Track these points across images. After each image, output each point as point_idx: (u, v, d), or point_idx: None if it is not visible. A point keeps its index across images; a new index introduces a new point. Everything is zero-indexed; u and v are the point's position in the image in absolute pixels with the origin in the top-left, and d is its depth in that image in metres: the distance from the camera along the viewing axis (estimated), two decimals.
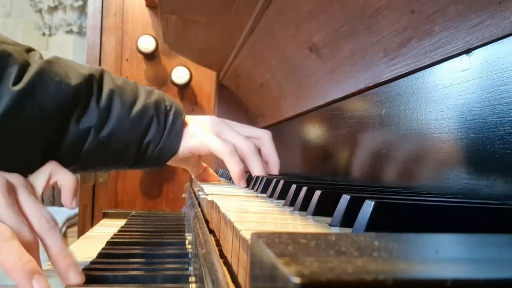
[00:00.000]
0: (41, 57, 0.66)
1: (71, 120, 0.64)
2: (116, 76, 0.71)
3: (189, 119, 0.76)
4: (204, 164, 0.83)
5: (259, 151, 0.76)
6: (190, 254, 0.73)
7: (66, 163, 0.66)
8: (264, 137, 0.78)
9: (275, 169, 0.77)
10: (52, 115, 0.62)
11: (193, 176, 0.89)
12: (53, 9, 3.77)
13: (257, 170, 0.72)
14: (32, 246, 0.53)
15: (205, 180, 0.83)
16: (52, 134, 0.63)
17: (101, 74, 0.69)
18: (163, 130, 0.71)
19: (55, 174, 0.62)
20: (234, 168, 0.69)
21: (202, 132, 0.73)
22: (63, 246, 0.56)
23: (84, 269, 0.62)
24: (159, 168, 0.75)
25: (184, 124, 0.73)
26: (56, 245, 0.55)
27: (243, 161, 0.72)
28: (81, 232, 1.50)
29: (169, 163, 0.76)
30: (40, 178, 0.61)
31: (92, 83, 0.67)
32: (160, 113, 0.71)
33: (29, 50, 0.65)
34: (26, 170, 0.65)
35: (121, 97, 0.68)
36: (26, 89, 0.59)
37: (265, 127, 1.31)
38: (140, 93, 0.71)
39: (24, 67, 0.61)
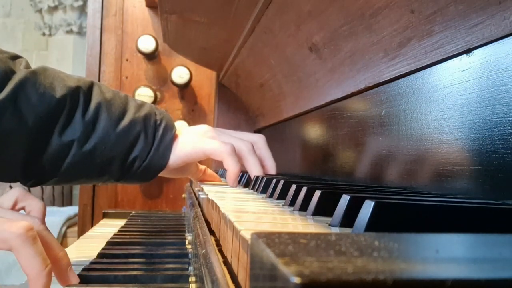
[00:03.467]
0: (27, 66, 0.64)
1: (54, 132, 0.63)
2: (107, 89, 0.70)
3: (181, 130, 0.75)
4: (203, 166, 0.83)
5: None
6: (190, 254, 0.73)
7: (48, 175, 0.66)
8: (259, 141, 0.78)
9: (272, 172, 0.77)
10: (33, 126, 0.61)
11: (194, 181, 0.89)
12: (53, 9, 3.77)
13: (255, 170, 0.71)
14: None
15: (206, 181, 0.83)
16: (33, 145, 0.62)
17: (90, 87, 0.68)
18: (151, 145, 0.70)
19: (22, 200, 0.61)
20: (234, 168, 0.69)
21: (195, 138, 0.72)
22: (61, 247, 0.56)
23: (84, 269, 0.63)
24: (148, 182, 0.74)
25: (174, 138, 0.72)
26: (58, 246, 0.55)
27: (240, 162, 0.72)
28: (81, 232, 1.50)
29: (166, 175, 0.75)
30: (4, 204, 0.60)
31: (79, 95, 0.66)
32: (148, 128, 0.69)
33: (15, 57, 0.64)
34: (7, 180, 0.64)
35: (109, 111, 0.67)
36: (7, 98, 0.59)
37: (265, 127, 1.31)
38: (129, 107, 0.70)
39: (7, 75, 0.60)
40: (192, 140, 0.71)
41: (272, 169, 0.77)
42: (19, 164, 0.63)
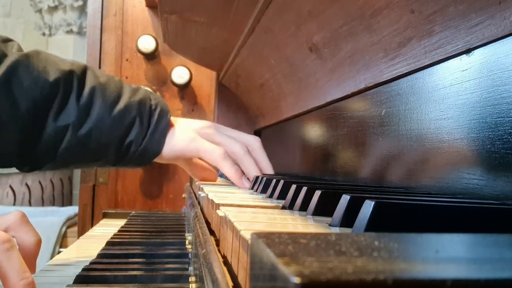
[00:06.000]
0: (19, 49, 0.63)
1: (49, 116, 0.62)
2: (101, 73, 0.69)
3: (176, 120, 0.74)
4: (199, 161, 0.82)
5: None
6: (190, 254, 0.73)
7: (44, 160, 0.65)
8: (254, 143, 0.77)
9: (268, 174, 0.76)
10: (26, 110, 0.60)
11: (187, 171, 0.88)
12: (53, 9, 3.77)
13: (252, 170, 0.71)
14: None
15: (200, 175, 0.82)
16: (27, 130, 0.61)
17: (84, 71, 0.67)
18: (146, 130, 0.69)
19: (14, 230, 0.51)
20: (230, 171, 0.68)
21: (190, 135, 0.71)
22: (23, 271, 0.45)
23: (84, 269, 0.62)
24: (143, 167, 0.74)
25: (169, 125, 0.71)
26: (15, 271, 0.45)
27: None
28: (81, 232, 1.50)
29: (162, 162, 0.75)
30: None
31: (72, 79, 0.64)
32: (143, 113, 0.69)
33: (6, 40, 0.63)
34: (2, 165, 0.63)
35: (103, 95, 0.66)
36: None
37: (265, 127, 1.31)
38: (124, 92, 0.69)
39: None
40: (188, 137, 0.71)
41: (267, 170, 0.76)
42: (14, 149, 0.62)
